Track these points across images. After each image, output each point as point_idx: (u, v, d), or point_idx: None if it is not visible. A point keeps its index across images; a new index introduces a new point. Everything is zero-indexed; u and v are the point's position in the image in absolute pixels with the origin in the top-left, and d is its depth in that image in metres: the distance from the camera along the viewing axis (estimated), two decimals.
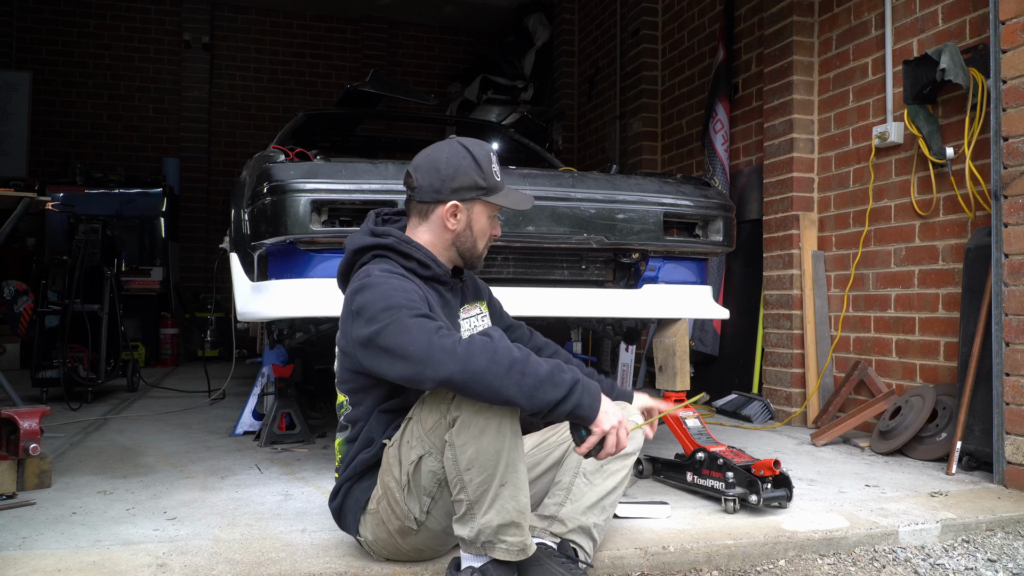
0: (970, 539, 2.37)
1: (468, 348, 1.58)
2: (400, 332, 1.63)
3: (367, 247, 1.90)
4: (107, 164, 7.83)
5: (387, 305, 1.69)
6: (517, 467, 1.66)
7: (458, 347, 1.58)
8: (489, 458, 1.62)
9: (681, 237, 3.04)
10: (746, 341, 4.79)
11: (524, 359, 1.59)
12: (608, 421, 1.64)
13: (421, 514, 1.76)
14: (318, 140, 4.70)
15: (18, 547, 2.02)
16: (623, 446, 1.67)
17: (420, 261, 1.88)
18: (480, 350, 1.58)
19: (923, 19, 3.68)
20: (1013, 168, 2.86)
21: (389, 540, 1.84)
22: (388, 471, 1.78)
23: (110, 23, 8.39)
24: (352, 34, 9.12)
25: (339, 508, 1.93)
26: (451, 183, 1.87)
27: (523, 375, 1.57)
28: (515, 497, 1.65)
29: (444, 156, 1.89)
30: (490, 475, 1.63)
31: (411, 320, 1.64)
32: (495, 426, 1.62)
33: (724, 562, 2.11)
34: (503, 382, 1.56)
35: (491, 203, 1.91)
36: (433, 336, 1.61)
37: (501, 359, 1.57)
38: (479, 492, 1.64)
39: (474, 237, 1.93)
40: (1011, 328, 2.84)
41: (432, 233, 1.91)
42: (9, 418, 2.56)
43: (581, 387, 1.62)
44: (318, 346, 4.19)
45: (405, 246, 1.88)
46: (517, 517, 1.65)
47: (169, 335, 7.08)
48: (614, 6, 6.70)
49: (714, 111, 5.07)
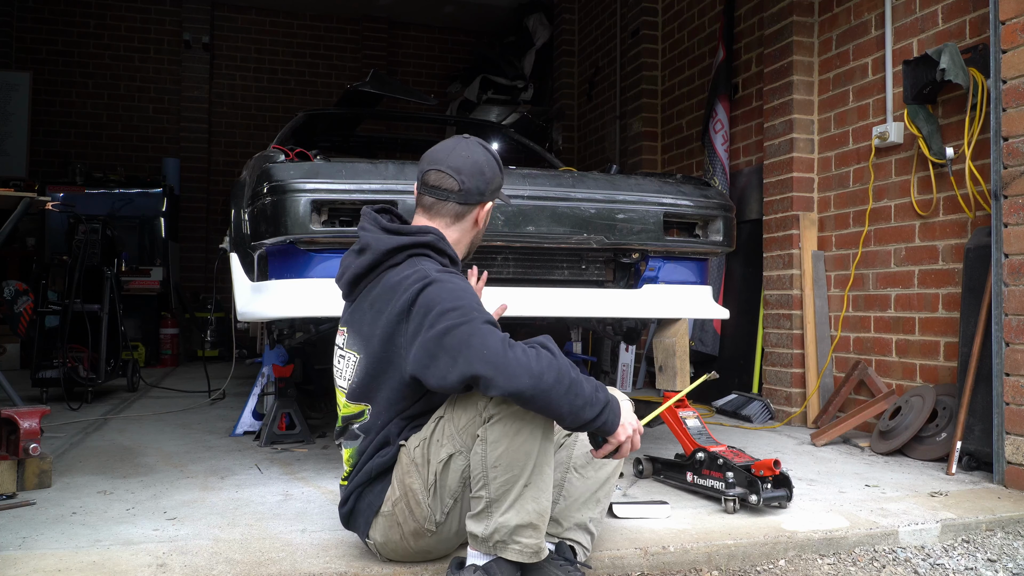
0: (970, 539, 2.37)
1: (539, 364, 1.58)
2: (474, 334, 1.60)
3: (404, 246, 1.82)
4: (107, 164, 7.83)
5: (458, 304, 1.65)
6: (544, 471, 1.67)
7: (532, 362, 1.57)
8: (519, 458, 1.63)
9: (681, 237, 3.04)
10: (746, 341, 4.79)
11: (577, 379, 1.62)
12: (625, 433, 1.69)
13: (441, 515, 1.76)
14: (318, 140, 4.70)
15: (18, 547, 2.02)
16: (637, 447, 1.73)
17: (452, 259, 1.90)
18: (548, 366, 1.58)
19: (923, 19, 3.68)
20: (1013, 168, 2.86)
21: (401, 542, 1.83)
22: (410, 472, 1.76)
23: (110, 23, 8.39)
24: (352, 34, 9.12)
25: (350, 512, 1.90)
26: (492, 184, 1.93)
27: (576, 395, 1.60)
28: (537, 499, 1.66)
29: (483, 158, 1.92)
30: (516, 475, 1.63)
31: (484, 326, 1.62)
32: (529, 429, 1.64)
33: (724, 562, 2.11)
34: (562, 400, 1.59)
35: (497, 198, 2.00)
36: (507, 346, 1.59)
37: (564, 378, 1.59)
38: (501, 491, 1.64)
39: (482, 233, 2.01)
40: (1011, 328, 2.84)
41: (461, 231, 1.94)
42: (9, 418, 2.56)
43: (611, 407, 1.66)
44: (318, 346, 4.19)
45: (443, 243, 1.88)
46: (537, 519, 1.66)
47: (169, 335, 7.08)
48: (614, 6, 6.70)
49: (714, 111, 5.07)
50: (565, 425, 1.65)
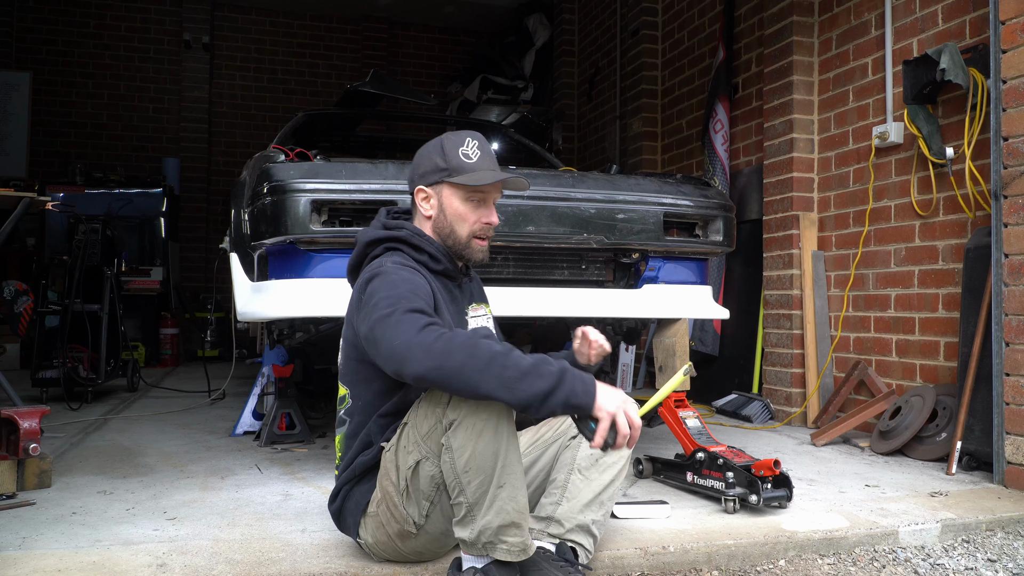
0: (970, 539, 2.37)
1: (447, 344, 1.55)
2: (390, 325, 1.63)
3: (379, 239, 1.92)
4: (107, 164, 7.82)
5: (389, 297, 1.69)
6: (514, 468, 1.66)
7: (436, 343, 1.56)
8: (487, 459, 1.62)
9: (681, 237, 3.04)
10: (746, 341, 4.79)
11: (506, 352, 1.55)
12: (611, 402, 1.55)
13: (420, 518, 1.77)
14: (318, 140, 4.70)
15: (18, 547, 2.02)
16: (637, 425, 1.58)
17: (431, 254, 1.90)
18: (459, 345, 1.55)
19: (923, 19, 3.68)
20: (1013, 168, 2.86)
21: (389, 543, 1.85)
22: (386, 475, 1.79)
23: (110, 23, 8.39)
24: (352, 34, 9.12)
25: (339, 511, 1.93)
26: (418, 170, 1.96)
27: (504, 367, 1.52)
28: (514, 498, 1.65)
29: (421, 151, 1.98)
30: (488, 476, 1.63)
31: (403, 315, 1.64)
32: (492, 427, 1.62)
33: (724, 562, 2.11)
34: (482, 376, 1.52)
35: (455, 183, 1.91)
36: (416, 333, 1.59)
37: (481, 353, 1.53)
38: (478, 494, 1.64)
39: (449, 221, 1.92)
40: (1011, 328, 2.84)
41: (420, 224, 1.96)
42: (9, 418, 2.56)
43: (571, 375, 1.55)
44: (318, 346, 4.19)
45: (417, 239, 1.91)
46: (517, 518, 1.65)
47: (169, 335, 7.08)
48: (614, 6, 6.70)
49: (714, 111, 5.07)
50: (516, 407, 1.56)
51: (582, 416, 1.59)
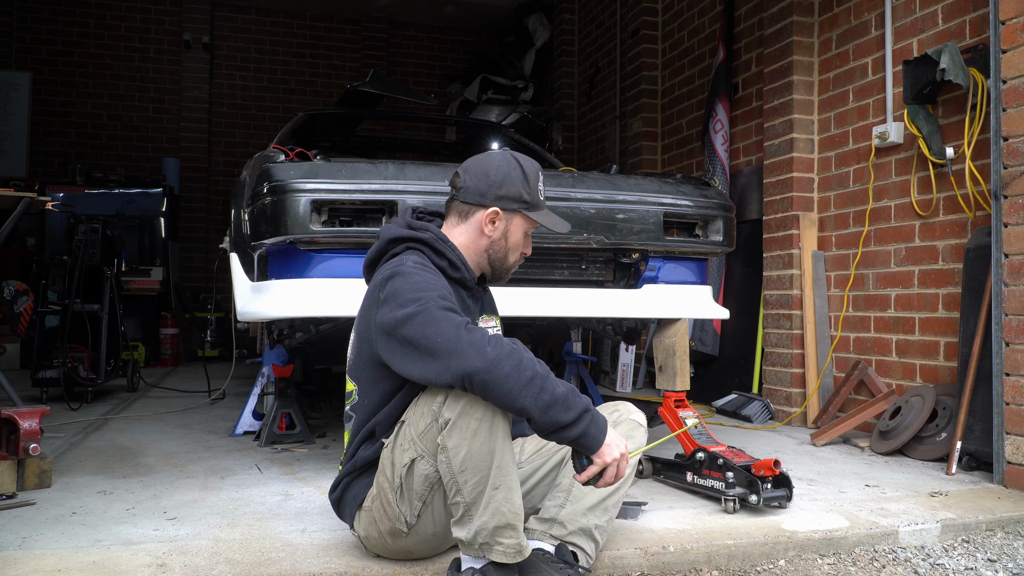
0: (970, 539, 2.37)
1: (496, 348, 1.58)
2: (428, 323, 1.63)
3: (402, 238, 1.90)
4: (107, 164, 7.82)
5: (418, 295, 1.68)
6: (508, 469, 1.67)
7: (487, 345, 1.58)
8: (483, 459, 1.63)
9: (681, 237, 3.04)
10: (746, 341, 4.79)
11: (545, 375, 1.60)
12: (610, 454, 1.63)
13: (412, 517, 1.77)
14: (318, 140, 4.70)
15: (18, 547, 2.02)
16: (621, 476, 1.67)
17: (451, 261, 1.90)
18: (507, 354, 1.58)
19: (923, 19, 3.68)
20: (1013, 168, 2.86)
21: (380, 539, 1.86)
22: (383, 472, 1.79)
23: (110, 23, 8.39)
24: (352, 34, 9.12)
25: (338, 500, 1.96)
26: (497, 190, 1.90)
27: (541, 390, 1.57)
28: (509, 499, 1.65)
29: (495, 163, 1.92)
30: (484, 476, 1.63)
31: (440, 312, 1.64)
32: (487, 427, 1.63)
33: (724, 562, 2.12)
34: (522, 391, 1.56)
35: (530, 218, 1.93)
36: (462, 329, 1.61)
37: (525, 368, 1.58)
38: (475, 494, 1.64)
39: (507, 248, 1.94)
40: (1011, 328, 2.84)
41: (468, 236, 1.93)
42: (9, 418, 2.56)
43: (591, 416, 1.62)
44: (318, 346, 4.19)
45: (440, 243, 1.90)
46: (512, 519, 1.66)
47: (169, 335, 7.08)
48: (614, 6, 6.70)
49: (714, 111, 5.07)
50: (536, 426, 1.60)
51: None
